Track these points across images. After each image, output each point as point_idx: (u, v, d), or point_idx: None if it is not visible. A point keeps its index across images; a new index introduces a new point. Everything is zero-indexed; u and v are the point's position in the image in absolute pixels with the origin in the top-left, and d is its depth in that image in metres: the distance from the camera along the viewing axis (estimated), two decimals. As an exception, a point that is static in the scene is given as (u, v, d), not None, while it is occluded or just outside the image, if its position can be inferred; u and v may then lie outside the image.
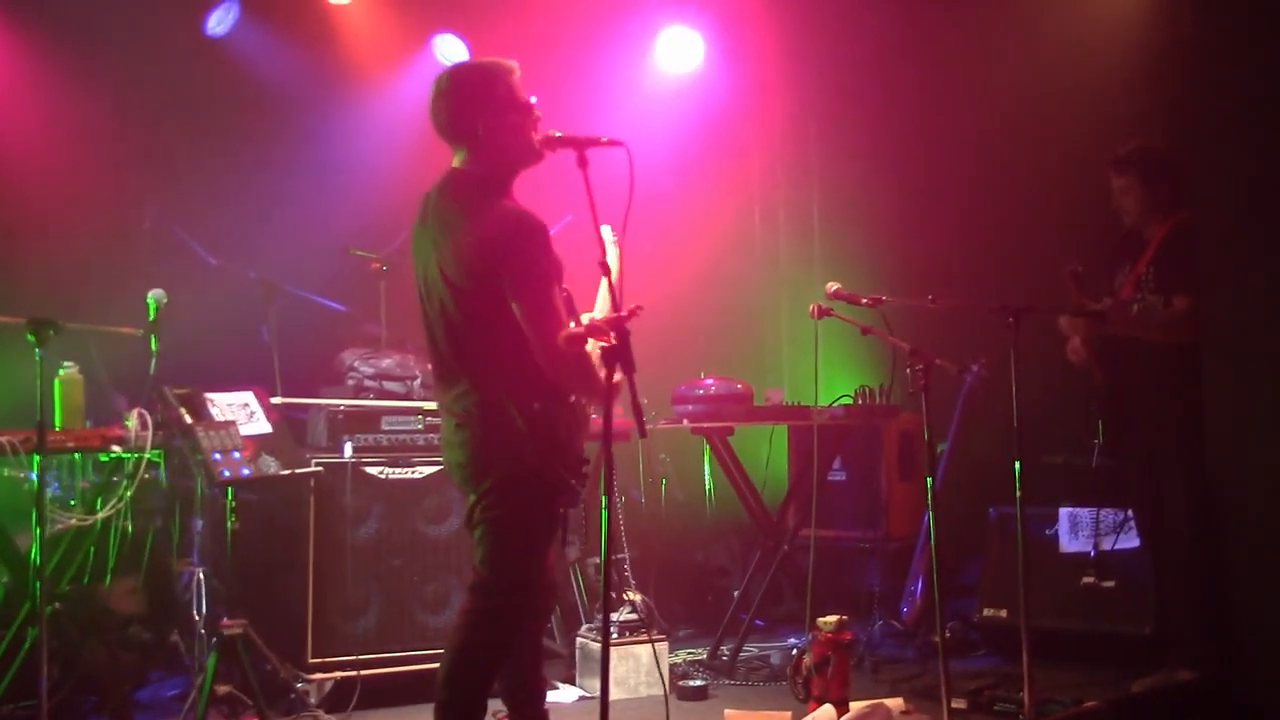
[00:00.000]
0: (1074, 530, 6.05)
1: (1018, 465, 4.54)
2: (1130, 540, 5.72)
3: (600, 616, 5.64)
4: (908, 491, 6.99)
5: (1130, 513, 5.65)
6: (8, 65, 6.40)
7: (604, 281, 4.05)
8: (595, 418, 4.93)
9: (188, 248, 6.10)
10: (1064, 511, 6.08)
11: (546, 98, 4.00)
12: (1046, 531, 6.10)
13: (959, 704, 5.13)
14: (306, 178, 6.91)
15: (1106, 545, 5.89)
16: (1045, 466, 6.23)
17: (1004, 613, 6.09)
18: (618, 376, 3.55)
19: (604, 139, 3.70)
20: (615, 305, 3.57)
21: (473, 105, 3.82)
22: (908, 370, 4.48)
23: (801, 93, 8.41)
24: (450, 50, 7.53)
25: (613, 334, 3.53)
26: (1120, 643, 5.75)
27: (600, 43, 7.80)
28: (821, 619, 4.85)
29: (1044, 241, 6.58)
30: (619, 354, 3.50)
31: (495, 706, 4.44)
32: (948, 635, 6.15)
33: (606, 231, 4.56)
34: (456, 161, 3.89)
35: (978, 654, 6.18)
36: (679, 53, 7.94)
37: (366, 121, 7.05)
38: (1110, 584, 5.85)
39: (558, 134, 3.78)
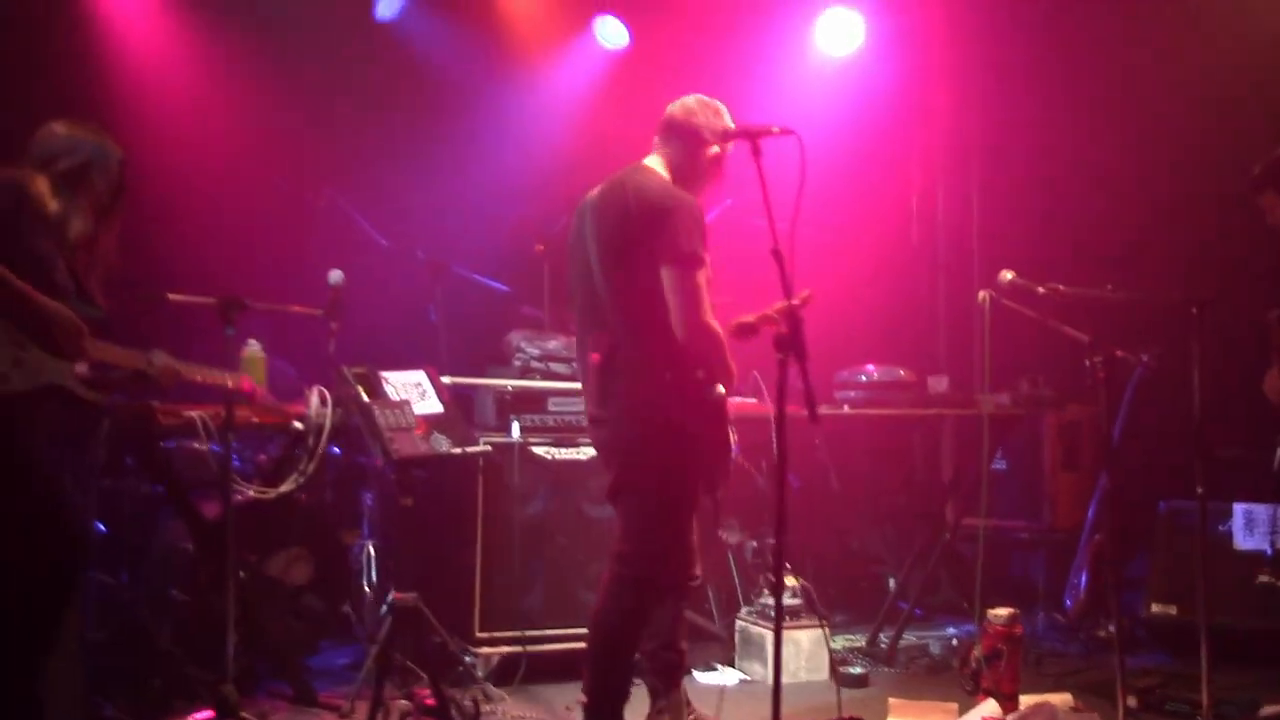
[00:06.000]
0: (1249, 527, 5.87)
1: (1199, 462, 4.42)
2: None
3: (761, 600, 5.68)
4: (1071, 482, 6.82)
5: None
6: (188, 55, 6.62)
7: None
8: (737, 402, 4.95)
9: (359, 229, 6.25)
10: (1239, 508, 5.92)
11: (706, 81, 4.14)
12: (1220, 528, 5.93)
13: (1129, 702, 5.03)
14: (472, 160, 7.02)
15: (1285, 544, 5.72)
16: (1219, 461, 6.03)
17: (1173, 609, 5.94)
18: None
19: (775, 129, 3.70)
20: (786, 293, 3.56)
21: (706, 129, 4.07)
22: (1086, 362, 4.38)
23: (965, 79, 8.22)
24: (611, 32, 7.58)
25: (785, 322, 3.53)
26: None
27: (759, 25, 7.75)
28: (992, 611, 4.77)
29: (1222, 233, 6.40)
30: (791, 342, 3.50)
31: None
32: (1111, 630, 6.10)
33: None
34: (651, 160, 4.11)
35: (1144, 651, 6.03)
36: (840, 34, 7.82)
37: (529, 103, 7.14)
38: (1289, 583, 5.68)
39: (731, 126, 3.84)
